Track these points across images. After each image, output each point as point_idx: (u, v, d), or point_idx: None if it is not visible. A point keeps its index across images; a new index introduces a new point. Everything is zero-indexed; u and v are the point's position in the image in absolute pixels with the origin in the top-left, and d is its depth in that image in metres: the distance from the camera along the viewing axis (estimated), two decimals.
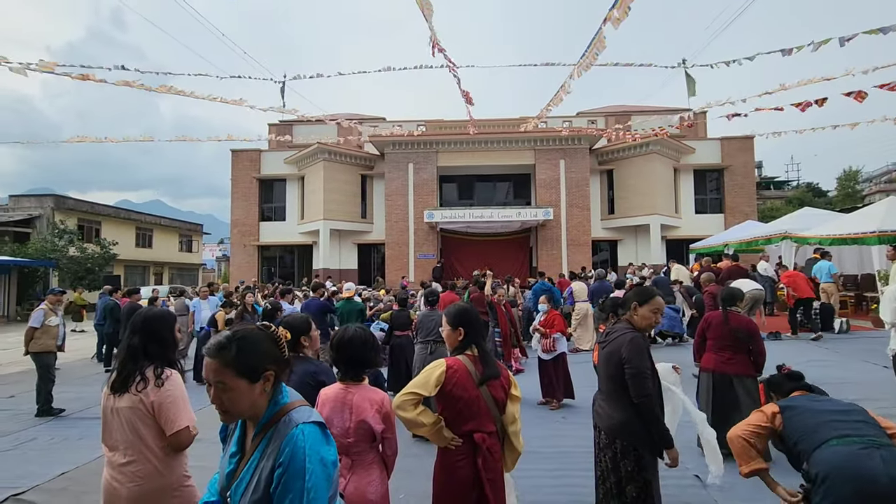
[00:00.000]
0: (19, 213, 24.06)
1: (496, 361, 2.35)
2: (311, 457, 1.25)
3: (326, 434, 1.34)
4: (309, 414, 1.35)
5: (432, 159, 20.67)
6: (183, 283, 31.82)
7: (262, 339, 1.36)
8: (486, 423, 2.21)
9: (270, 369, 1.33)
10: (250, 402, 1.31)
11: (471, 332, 2.35)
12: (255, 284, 17.03)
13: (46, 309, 6.61)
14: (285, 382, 1.42)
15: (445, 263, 20.93)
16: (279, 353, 1.38)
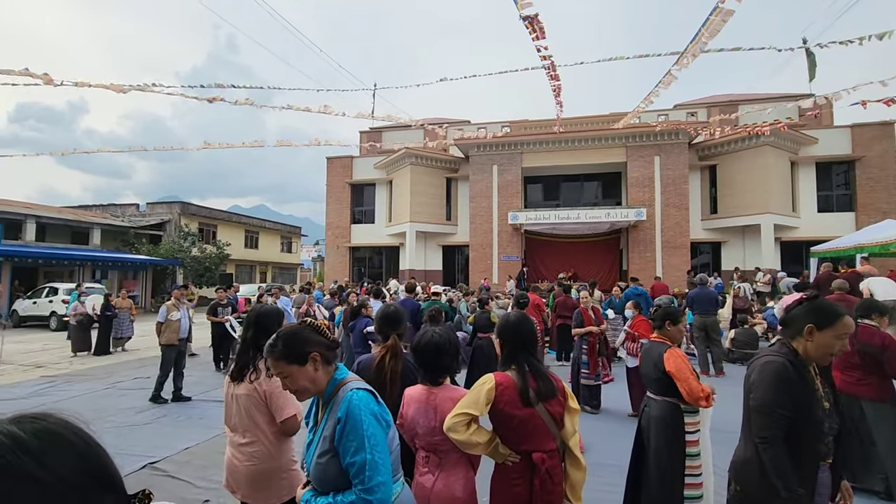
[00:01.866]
0: (153, 218, 27.70)
1: (550, 375, 2.16)
2: (364, 410, 1.53)
3: (378, 399, 1.61)
4: (363, 384, 1.64)
5: (517, 160, 20.44)
6: (283, 281, 34.59)
7: (302, 330, 1.66)
8: (544, 442, 2.05)
9: (314, 351, 1.62)
10: (308, 380, 1.60)
11: (512, 345, 2.20)
12: (346, 284, 18.00)
13: (169, 305, 7.25)
14: (332, 360, 1.68)
15: (529, 265, 20.58)
16: (320, 338, 1.67)
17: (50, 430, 0.60)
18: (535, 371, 2.11)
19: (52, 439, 0.60)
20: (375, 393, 1.62)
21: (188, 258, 25.00)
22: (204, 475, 4.28)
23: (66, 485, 0.57)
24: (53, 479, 0.56)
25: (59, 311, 15.79)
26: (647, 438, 3.06)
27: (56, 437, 0.60)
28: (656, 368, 3.01)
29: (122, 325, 11.59)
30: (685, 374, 2.86)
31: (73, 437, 0.62)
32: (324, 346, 1.65)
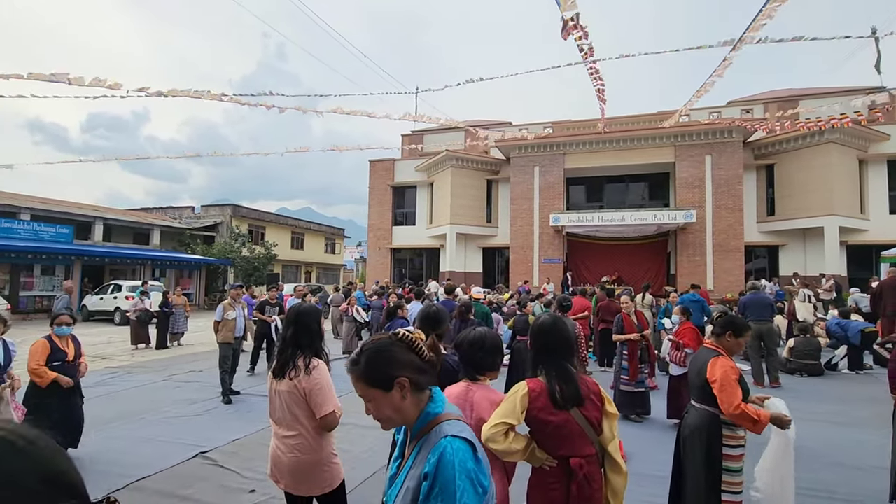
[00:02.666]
0: (207, 220, 29.15)
1: (583, 379, 2.11)
2: (459, 472, 1.18)
3: (477, 454, 1.25)
4: (461, 429, 1.28)
5: (559, 161, 20.10)
6: (327, 281, 35.51)
7: (390, 347, 1.35)
8: (582, 447, 2.01)
9: (402, 376, 1.31)
10: (392, 409, 1.32)
11: (539, 349, 2.18)
12: (387, 285, 18.26)
13: (225, 304, 7.33)
14: (425, 386, 1.37)
15: (571, 268, 20.17)
16: (412, 356, 1.35)
17: (5, 438, 0.60)
18: (563, 375, 2.07)
19: (8, 448, 0.59)
20: (475, 442, 1.27)
21: (238, 258, 26.14)
22: (250, 466, 4.44)
23: (20, 490, 0.57)
24: (7, 484, 0.56)
25: (122, 307, 16.88)
26: (684, 448, 2.97)
27: (7, 445, 0.60)
28: (699, 375, 2.90)
29: (177, 321, 12.24)
30: (727, 385, 2.71)
31: (25, 445, 0.61)
32: (415, 368, 1.34)
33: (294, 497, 2.51)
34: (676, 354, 5.61)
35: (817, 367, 8.80)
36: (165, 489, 3.99)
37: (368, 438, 5.23)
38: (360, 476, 4.16)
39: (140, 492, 3.94)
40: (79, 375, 4.68)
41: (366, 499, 3.67)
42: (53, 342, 4.50)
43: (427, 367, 1.36)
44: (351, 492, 2.76)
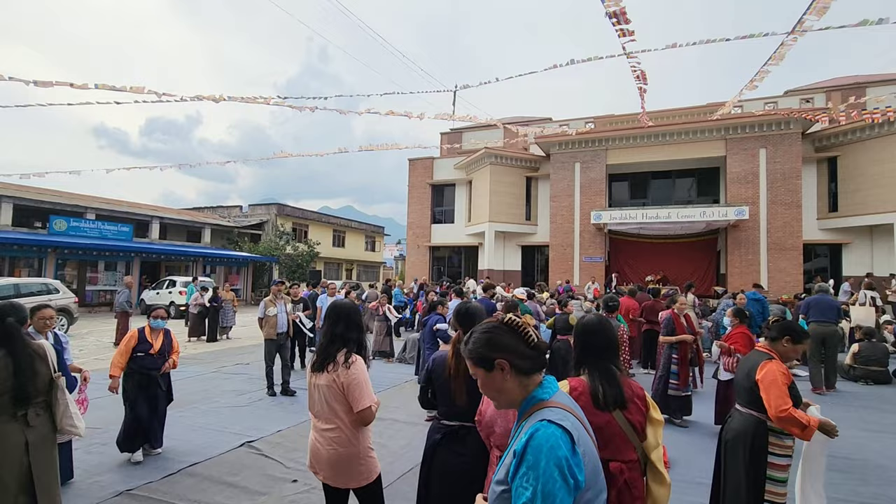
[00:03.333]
0: (254, 219, 30.32)
1: (627, 382, 2.04)
2: (547, 456, 1.14)
3: (576, 447, 1.20)
4: (561, 416, 1.25)
5: (601, 157, 19.58)
6: (368, 279, 36.15)
7: (494, 330, 1.39)
8: (623, 452, 1.93)
9: (501, 358, 1.34)
10: (495, 389, 1.36)
11: (583, 349, 2.13)
12: (425, 283, 18.39)
13: (267, 300, 7.30)
14: (529, 370, 1.36)
15: (613, 267, 19.63)
16: (516, 342, 1.37)
17: None
18: (606, 376, 2.01)
19: None
20: (574, 432, 1.21)
21: (283, 255, 27.04)
22: (292, 456, 4.58)
23: None
24: None
25: (176, 301, 17.81)
26: (725, 453, 2.83)
27: None
28: (748, 377, 2.76)
29: (226, 315, 12.79)
30: (775, 386, 2.56)
31: None
32: (516, 352, 1.35)
33: (332, 488, 2.56)
34: (729, 361, 5.33)
35: (884, 374, 8.17)
36: (214, 475, 4.17)
37: (406, 434, 5.28)
38: (397, 470, 4.20)
39: (192, 477, 4.14)
40: (163, 370, 4.70)
41: (402, 493, 3.70)
42: (143, 333, 4.64)
43: (532, 353, 1.37)
44: (388, 486, 2.79)
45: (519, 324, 1.40)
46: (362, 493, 2.56)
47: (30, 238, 17.94)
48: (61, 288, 13.26)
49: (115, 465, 4.37)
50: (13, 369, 2.64)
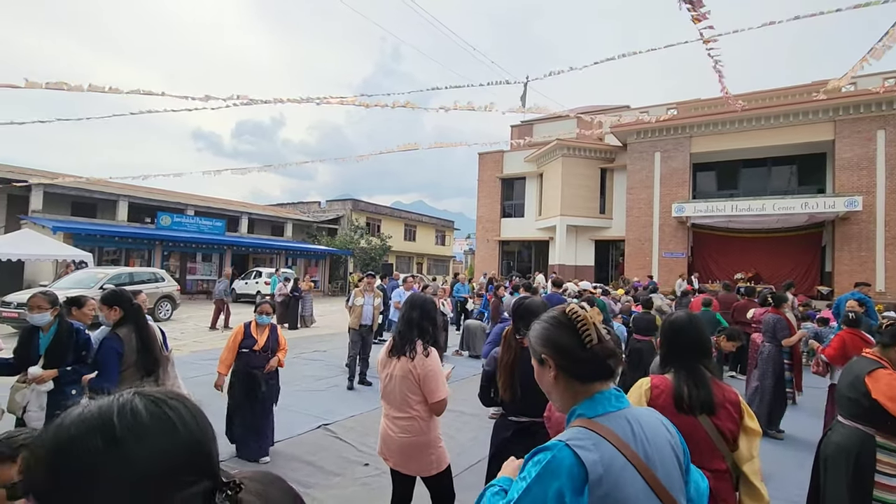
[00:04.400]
0: (331, 214, 31.84)
1: (720, 386, 1.84)
2: (539, 485, 0.99)
3: (585, 485, 0.97)
4: (588, 443, 1.02)
5: (684, 146, 18.26)
6: (438, 272, 36.71)
7: (546, 321, 1.22)
8: (710, 460, 1.76)
9: (548, 355, 1.17)
10: (546, 385, 1.20)
11: (671, 347, 1.99)
12: (494, 277, 18.27)
13: (357, 291, 7.49)
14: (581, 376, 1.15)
15: (697, 263, 18.29)
16: (568, 341, 1.16)
17: (162, 415, 0.62)
18: (694, 377, 1.84)
19: (164, 424, 0.62)
20: (594, 467, 0.98)
21: (357, 249, 28.17)
22: (365, 441, 4.75)
23: (168, 468, 0.59)
24: (150, 460, 0.58)
25: (262, 291, 19.19)
26: (825, 469, 2.53)
27: (166, 423, 0.62)
28: (853, 387, 2.45)
29: (306, 305, 13.57)
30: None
31: (181, 425, 0.63)
32: (566, 353, 1.15)
33: (401, 475, 2.61)
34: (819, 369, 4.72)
35: None
36: (294, 454, 4.44)
37: (473, 427, 5.28)
38: (464, 462, 4.21)
39: (275, 455, 4.43)
40: (267, 367, 4.43)
41: (469, 485, 3.69)
42: (248, 328, 4.43)
43: (587, 357, 1.14)
44: (455, 477, 2.79)
45: (579, 318, 1.18)
46: (432, 482, 2.59)
47: (141, 232, 20.17)
48: (166, 277, 14.77)
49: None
50: (138, 345, 3.07)
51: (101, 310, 3.21)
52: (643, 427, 1.09)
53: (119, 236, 19.17)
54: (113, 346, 3.03)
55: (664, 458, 1.07)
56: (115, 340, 3.06)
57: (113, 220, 20.82)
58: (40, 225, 16.84)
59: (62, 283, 11.99)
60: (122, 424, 0.59)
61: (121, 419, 0.59)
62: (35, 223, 16.99)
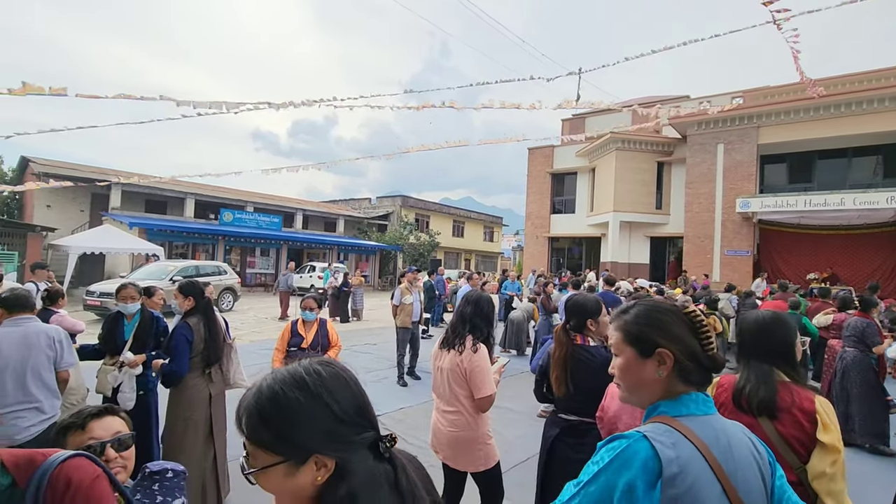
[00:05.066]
0: (381, 210, 32.47)
1: (794, 389, 1.67)
2: (609, 473, 0.97)
3: (658, 479, 0.93)
4: (666, 439, 0.97)
5: (751, 136, 17.09)
6: (486, 269, 36.55)
7: (667, 312, 1.14)
8: None
9: (667, 348, 1.07)
10: (638, 380, 1.12)
11: (748, 346, 1.87)
12: (543, 274, 17.94)
13: (402, 288, 7.26)
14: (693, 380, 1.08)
15: (764, 262, 17.12)
16: (691, 341, 1.09)
17: (339, 374, 0.84)
18: (760, 376, 1.72)
19: (342, 381, 0.84)
20: (670, 464, 0.94)
21: (406, 245, 28.57)
22: (414, 433, 4.80)
23: (347, 416, 0.80)
24: (340, 409, 0.80)
25: (316, 284, 19.87)
26: None
27: (344, 380, 0.84)
28: None
29: (356, 299, 13.91)
30: None
31: (351, 383, 0.85)
32: (691, 353, 1.08)
33: (451, 469, 2.60)
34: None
35: None
36: None
37: (521, 425, 5.21)
38: (511, 460, 4.16)
39: None
40: None
41: (516, 482, 3.64)
42: (294, 326, 4.23)
43: (703, 360, 1.08)
44: (504, 473, 2.75)
45: (701, 321, 1.11)
46: (481, 478, 2.57)
47: (206, 227, 21.45)
48: (228, 270, 15.62)
49: None
50: (205, 334, 3.28)
51: (177, 298, 3.42)
52: (729, 438, 1.02)
53: (186, 231, 20.47)
54: (184, 334, 3.23)
55: (747, 475, 1.00)
56: (186, 329, 3.26)
57: (181, 216, 22.27)
58: (118, 221, 18.29)
59: (137, 274, 12.96)
60: (311, 380, 0.80)
61: (309, 377, 0.81)
62: (114, 219, 18.47)
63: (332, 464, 0.78)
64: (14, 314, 2.81)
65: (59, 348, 2.87)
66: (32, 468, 1.02)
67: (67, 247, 14.10)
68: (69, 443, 1.39)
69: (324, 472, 0.77)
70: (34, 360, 2.74)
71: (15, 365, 2.67)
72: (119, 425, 1.48)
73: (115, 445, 1.42)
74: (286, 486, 0.78)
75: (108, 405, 1.55)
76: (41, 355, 2.78)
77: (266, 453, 0.78)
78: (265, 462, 0.78)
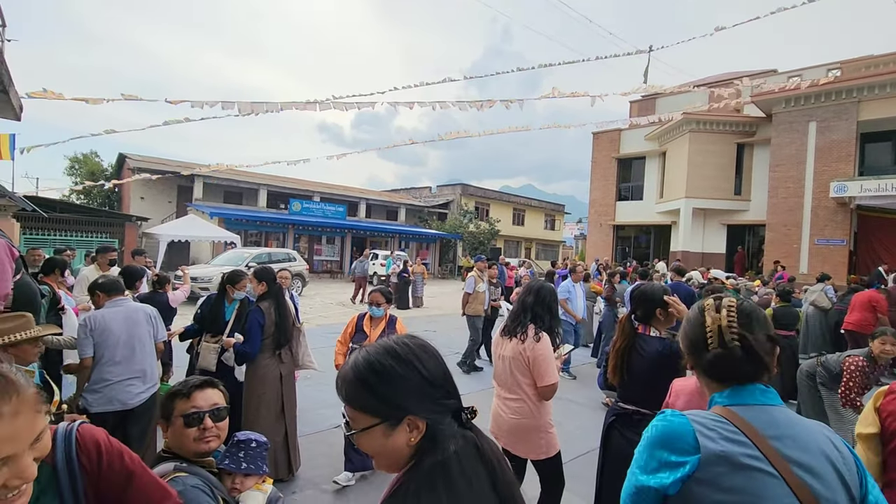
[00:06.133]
0: (441, 199, 32.72)
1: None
2: (645, 444, 1.06)
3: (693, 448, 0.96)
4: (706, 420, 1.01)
5: (849, 112, 15.33)
6: (547, 257, 35.92)
7: (693, 313, 1.19)
8: None
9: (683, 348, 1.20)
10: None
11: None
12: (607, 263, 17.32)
13: (476, 276, 7.18)
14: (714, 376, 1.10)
15: (862, 251, 15.47)
16: (698, 337, 1.13)
17: (425, 346, 0.94)
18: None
19: (428, 351, 0.93)
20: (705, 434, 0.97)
21: (466, 233, 28.65)
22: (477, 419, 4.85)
23: (434, 380, 0.89)
24: (428, 374, 0.88)
25: (378, 272, 20.49)
26: None
27: (429, 351, 0.93)
28: None
29: (416, 287, 14.19)
30: None
31: (436, 353, 0.94)
32: (696, 350, 1.15)
33: (512, 455, 2.62)
34: None
35: None
36: None
37: (581, 416, 5.12)
38: (571, 451, 4.10)
39: None
40: None
41: (575, 473, 3.59)
42: (360, 322, 3.78)
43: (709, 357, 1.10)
44: (565, 464, 2.74)
45: (704, 320, 1.12)
46: (542, 466, 2.57)
47: (277, 217, 22.74)
48: (297, 257, 16.49)
49: (336, 402, 5.27)
50: (276, 318, 3.53)
51: (252, 282, 3.68)
52: (793, 429, 0.98)
53: (260, 220, 21.82)
54: (257, 318, 3.49)
55: (816, 468, 0.93)
56: (258, 313, 3.51)
57: (255, 206, 23.74)
58: (201, 211, 19.84)
59: (218, 261, 14.03)
60: (401, 349, 0.90)
61: (399, 346, 0.90)
62: (197, 209, 20.05)
63: (423, 425, 0.85)
64: (112, 296, 3.16)
65: (155, 323, 3.26)
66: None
67: (159, 235, 15.52)
68: (176, 408, 1.52)
69: (416, 433, 0.85)
70: (139, 334, 3.11)
71: (125, 339, 3.03)
72: (217, 397, 1.60)
73: (213, 415, 1.54)
74: (385, 446, 0.85)
75: (209, 378, 1.67)
76: (143, 330, 3.15)
77: (365, 415, 0.86)
78: (364, 424, 0.85)
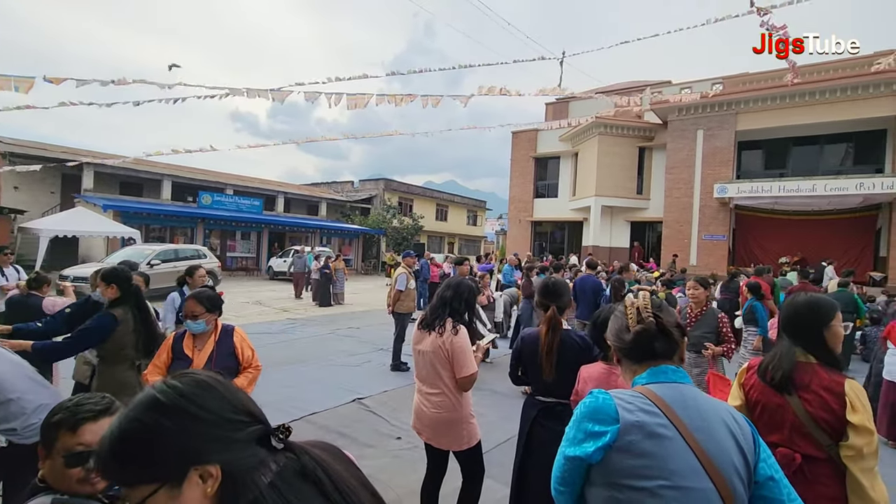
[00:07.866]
0: (364, 193, 32.16)
1: (817, 372, 1.72)
2: (574, 420, 1.21)
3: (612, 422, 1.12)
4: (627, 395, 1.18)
5: (729, 122, 17.39)
6: (469, 252, 36.71)
7: (613, 312, 1.43)
8: (798, 443, 1.71)
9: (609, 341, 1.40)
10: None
11: (781, 325, 1.95)
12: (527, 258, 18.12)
13: (406, 273, 6.95)
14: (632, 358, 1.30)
15: (740, 246, 17.63)
16: (618, 327, 1.34)
17: (201, 380, 0.78)
18: (784, 354, 1.80)
19: (205, 387, 0.77)
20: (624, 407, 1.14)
21: (390, 228, 28.47)
22: (397, 415, 4.89)
23: (220, 419, 0.74)
24: (209, 414, 0.74)
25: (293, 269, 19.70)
26: None
27: (208, 385, 0.77)
28: None
29: (338, 283, 13.88)
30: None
31: (218, 385, 0.78)
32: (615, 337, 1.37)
33: (434, 449, 2.70)
34: None
35: None
36: (329, 425, 4.63)
37: (503, 405, 5.34)
38: (493, 440, 4.28)
39: (311, 424, 4.63)
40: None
41: (497, 461, 3.77)
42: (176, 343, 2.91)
43: (629, 338, 1.28)
44: (486, 453, 2.86)
45: (625, 308, 1.33)
46: (464, 456, 2.66)
47: (184, 211, 21.00)
48: (208, 253, 15.40)
49: None
50: (135, 325, 2.97)
51: (99, 286, 3.06)
52: (698, 402, 1.16)
53: (164, 214, 20.04)
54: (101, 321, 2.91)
55: (715, 434, 1.10)
56: (108, 318, 2.89)
57: (158, 198, 21.72)
58: (92, 203, 17.77)
59: (114, 258, 12.68)
60: (168, 397, 0.74)
61: (164, 394, 0.75)
62: (87, 201, 17.93)
63: (216, 470, 0.71)
64: None
65: None
66: None
67: (38, 230, 13.71)
68: (59, 441, 1.27)
69: (212, 481, 0.71)
70: None
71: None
72: None
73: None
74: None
75: (109, 401, 1.40)
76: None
77: (139, 487, 0.70)
78: (142, 495, 0.70)
